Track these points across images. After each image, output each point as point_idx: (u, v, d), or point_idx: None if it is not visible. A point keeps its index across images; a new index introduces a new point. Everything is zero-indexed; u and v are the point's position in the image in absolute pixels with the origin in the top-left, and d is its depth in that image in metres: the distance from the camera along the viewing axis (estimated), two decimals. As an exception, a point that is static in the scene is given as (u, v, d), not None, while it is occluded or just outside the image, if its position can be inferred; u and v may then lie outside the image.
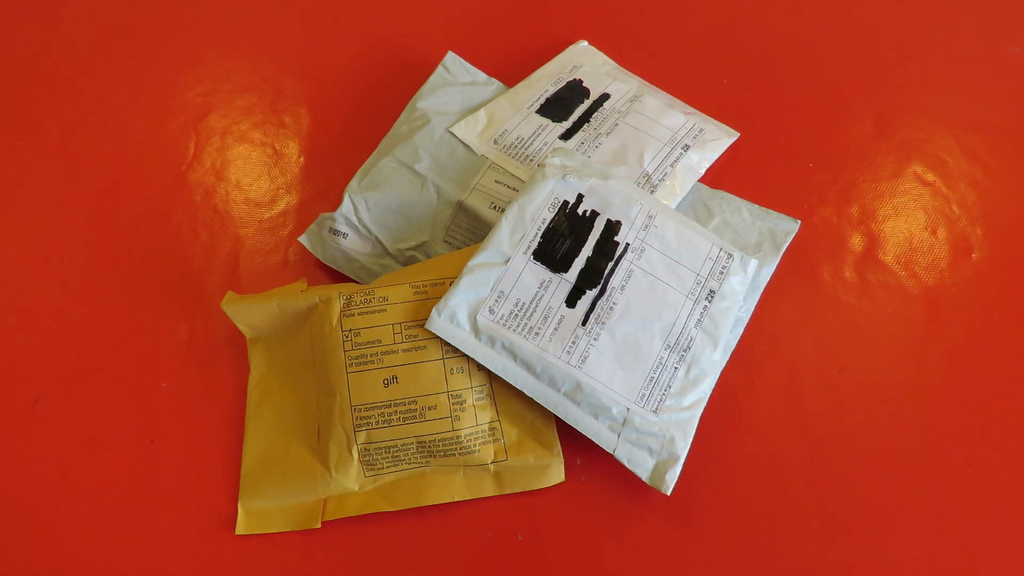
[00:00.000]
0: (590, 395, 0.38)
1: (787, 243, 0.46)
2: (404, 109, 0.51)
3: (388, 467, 0.40)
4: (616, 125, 0.48)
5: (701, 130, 0.49)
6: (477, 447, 0.39)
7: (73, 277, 0.47)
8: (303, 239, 0.46)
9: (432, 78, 0.51)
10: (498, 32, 0.57)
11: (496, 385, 0.40)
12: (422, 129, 0.48)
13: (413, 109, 0.50)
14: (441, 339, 0.39)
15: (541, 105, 0.49)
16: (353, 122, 0.53)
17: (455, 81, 0.51)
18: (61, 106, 0.54)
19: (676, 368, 0.39)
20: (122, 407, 0.43)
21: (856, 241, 0.49)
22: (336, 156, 0.52)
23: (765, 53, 0.57)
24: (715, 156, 0.49)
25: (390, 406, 0.39)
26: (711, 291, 0.41)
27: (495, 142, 0.47)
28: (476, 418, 0.40)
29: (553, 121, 0.48)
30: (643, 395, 0.39)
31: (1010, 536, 0.40)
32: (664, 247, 0.41)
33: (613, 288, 0.40)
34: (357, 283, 0.43)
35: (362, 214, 0.45)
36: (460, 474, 0.40)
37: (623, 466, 0.41)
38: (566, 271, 0.40)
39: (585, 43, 0.55)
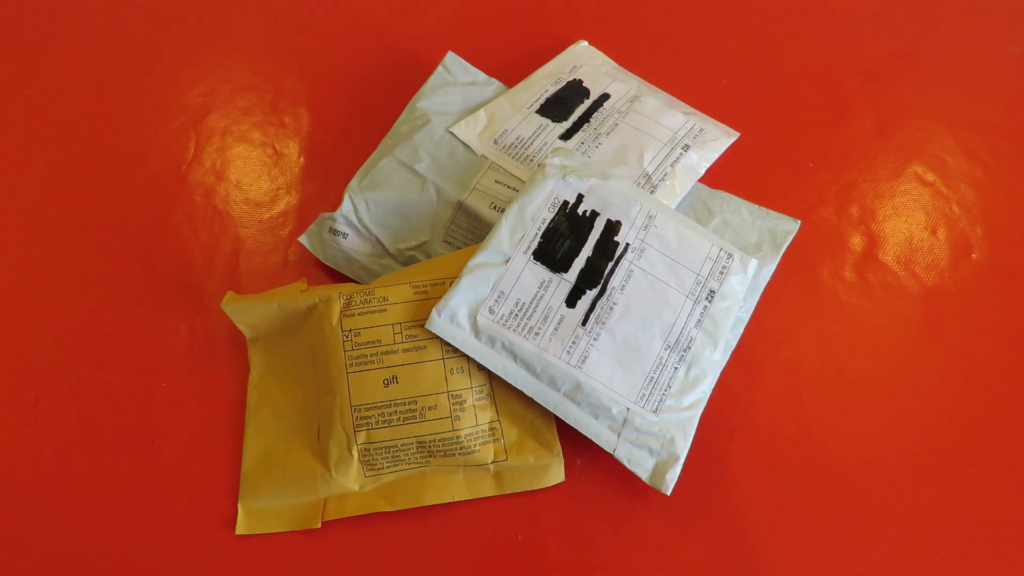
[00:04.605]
0: (590, 395, 0.38)
1: (787, 243, 0.46)
2: (404, 109, 0.51)
3: (388, 467, 0.40)
4: (616, 125, 0.48)
5: (701, 130, 0.49)
6: (477, 447, 0.39)
7: (73, 277, 0.47)
8: (303, 239, 0.46)
9: (432, 78, 0.51)
10: (498, 32, 0.57)
11: (496, 385, 0.40)
12: (422, 129, 0.48)
13: (413, 109, 0.50)
14: (441, 339, 0.39)
15: (541, 105, 0.49)
16: (353, 122, 0.54)
17: (455, 81, 0.51)
18: (61, 106, 0.54)
19: (676, 368, 0.39)
20: (122, 407, 0.43)
21: (856, 241, 0.49)
22: (336, 156, 0.52)
23: (765, 53, 0.57)
24: (715, 156, 0.49)
25: (390, 406, 0.39)
26: (711, 291, 0.41)
27: (495, 142, 0.47)
28: (476, 418, 0.40)
29: (553, 121, 0.48)
30: (643, 395, 0.39)
31: (1010, 536, 0.40)
32: (664, 247, 0.41)
33: (613, 288, 0.40)
34: (357, 283, 0.43)
35: (362, 214, 0.45)
36: (460, 474, 0.40)
37: (623, 466, 0.41)
38: (566, 271, 0.40)
39: (585, 43, 0.55)
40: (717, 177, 0.51)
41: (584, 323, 0.39)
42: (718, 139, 0.49)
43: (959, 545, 0.40)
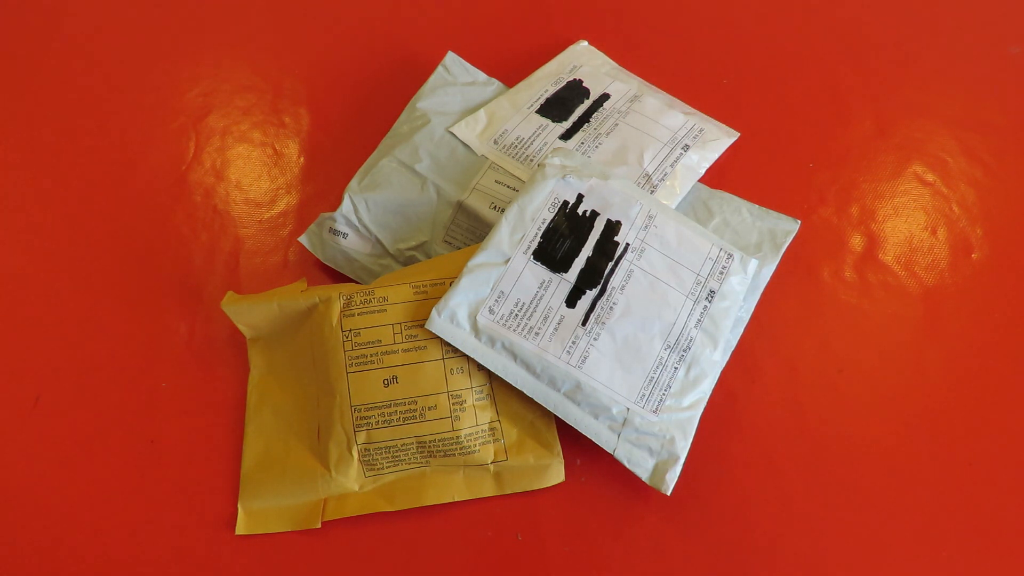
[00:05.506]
0: (590, 395, 0.38)
1: (787, 243, 0.46)
2: (404, 109, 0.51)
3: (388, 467, 0.40)
4: (616, 125, 0.48)
5: (701, 130, 0.49)
6: (477, 447, 0.39)
7: (73, 277, 0.47)
8: (303, 239, 0.46)
9: (432, 78, 0.51)
10: (498, 32, 0.57)
11: (496, 385, 0.40)
12: (422, 129, 0.48)
13: (413, 109, 0.50)
14: (441, 339, 0.39)
15: (541, 105, 0.49)
16: (353, 122, 0.54)
17: (455, 81, 0.51)
18: (61, 106, 0.54)
19: (676, 368, 0.39)
20: (122, 407, 0.43)
21: (856, 241, 0.49)
22: (336, 156, 0.52)
23: (765, 53, 0.57)
24: (715, 156, 0.49)
25: (390, 406, 0.39)
26: (711, 291, 0.41)
27: (495, 142, 0.47)
28: (476, 418, 0.40)
29: (553, 121, 0.48)
30: (643, 395, 0.39)
31: (1010, 536, 0.40)
32: (664, 247, 0.41)
33: (613, 288, 0.40)
34: (357, 283, 0.43)
35: (362, 214, 0.45)
36: (460, 474, 0.40)
37: (623, 466, 0.41)
38: (566, 271, 0.40)
39: (585, 43, 0.55)
40: (717, 177, 0.51)
41: (584, 323, 0.39)
42: (718, 139, 0.49)
43: (959, 545, 0.40)
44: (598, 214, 0.41)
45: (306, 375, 0.42)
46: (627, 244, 0.41)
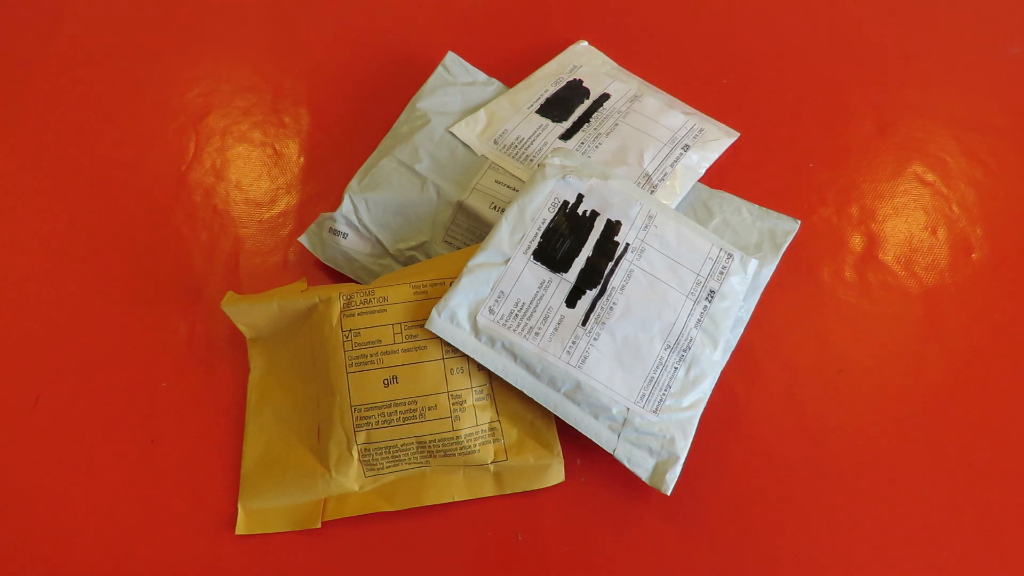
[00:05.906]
0: (590, 395, 0.38)
1: (787, 243, 0.46)
2: (404, 109, 0.51)
3: (388, 467, 0.40)
4: (616, 125, 0.48)
5: (701, 130, 0.49)
6: (477, 447, 0.39)
7: (73, 277, 0.47)
8: (303, 239, 0.46)
9: (432, 78, 0.51)
10: (498, 32, 0.57)
11: (496, 385, 0.40)
12: (422, 129, 0.48)
13: (413, 109, 0.50)
14: (441, 339, 0.39)
15: (541, 105, 0.49)
16: (353, 122, 0.54)
17: (455, 81, 0.51)
18: (61, 106, 0.54)
19: (676, 368, 0.39)
20: (122, 407, 0.43)
21: (856, 241, 0.49)
22: (336, 156, 0.52)
23: (765, 53, 0.57)
24: (715, 156, 0.49)
25: (390, 406, 0.39)
26: (711, 291, 0.41)
27: (495, 142, 0.47)
28: (476, 418, 0.40)
29: (553, 121, 0.48)
30: (643, 395, 0.39)
31: (1010, 536, 0.40)
32: (664, 247, 0.41)
33: (613, 288, 0.40)
34: (357, 283, 0.43)
35: (362, 214, 0.45)
36: (460, 474, 0.40)
37: (623, 466, 0.41)
38: (566, 271, 0.40)
39: (585, 43, 0.55)
40: (717, 177, 0.51)
41: (584, 323, 0.39)
42: (718, 139, 0.49)
43: (959, 545, 0.40)
44: (598, 214, 0.41)
45: (306, 375, 0.42)
46: (627, 244, 0.41)
